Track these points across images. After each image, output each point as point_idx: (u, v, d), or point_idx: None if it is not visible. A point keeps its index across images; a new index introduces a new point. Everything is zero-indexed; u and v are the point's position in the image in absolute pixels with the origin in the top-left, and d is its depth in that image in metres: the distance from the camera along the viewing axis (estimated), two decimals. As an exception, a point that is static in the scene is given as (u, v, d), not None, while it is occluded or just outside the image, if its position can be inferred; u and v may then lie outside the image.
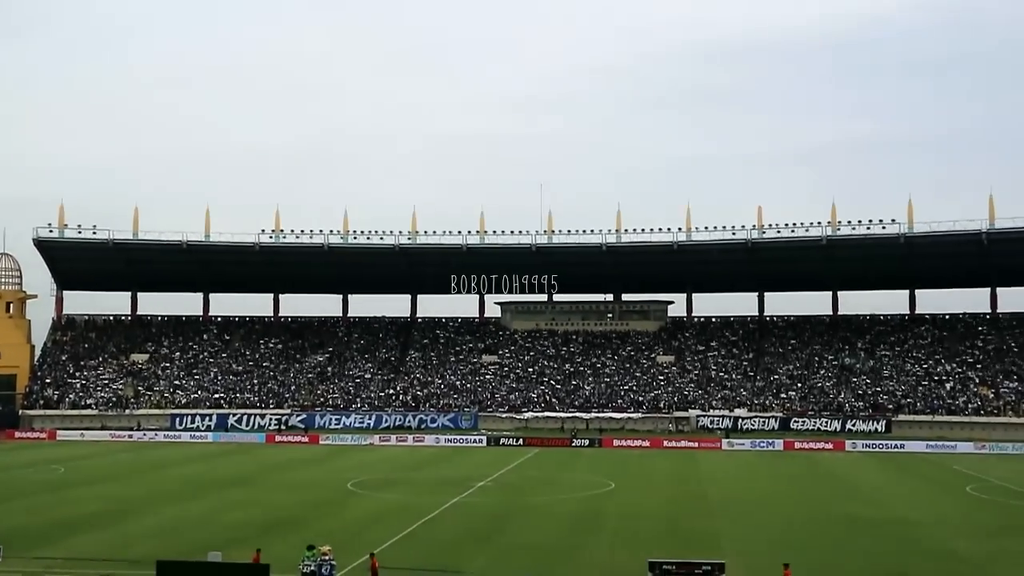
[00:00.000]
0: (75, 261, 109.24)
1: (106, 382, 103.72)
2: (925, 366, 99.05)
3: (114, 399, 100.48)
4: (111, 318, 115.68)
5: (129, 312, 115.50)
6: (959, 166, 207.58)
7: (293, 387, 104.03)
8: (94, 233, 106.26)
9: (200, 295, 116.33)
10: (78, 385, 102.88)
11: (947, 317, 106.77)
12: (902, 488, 57.49)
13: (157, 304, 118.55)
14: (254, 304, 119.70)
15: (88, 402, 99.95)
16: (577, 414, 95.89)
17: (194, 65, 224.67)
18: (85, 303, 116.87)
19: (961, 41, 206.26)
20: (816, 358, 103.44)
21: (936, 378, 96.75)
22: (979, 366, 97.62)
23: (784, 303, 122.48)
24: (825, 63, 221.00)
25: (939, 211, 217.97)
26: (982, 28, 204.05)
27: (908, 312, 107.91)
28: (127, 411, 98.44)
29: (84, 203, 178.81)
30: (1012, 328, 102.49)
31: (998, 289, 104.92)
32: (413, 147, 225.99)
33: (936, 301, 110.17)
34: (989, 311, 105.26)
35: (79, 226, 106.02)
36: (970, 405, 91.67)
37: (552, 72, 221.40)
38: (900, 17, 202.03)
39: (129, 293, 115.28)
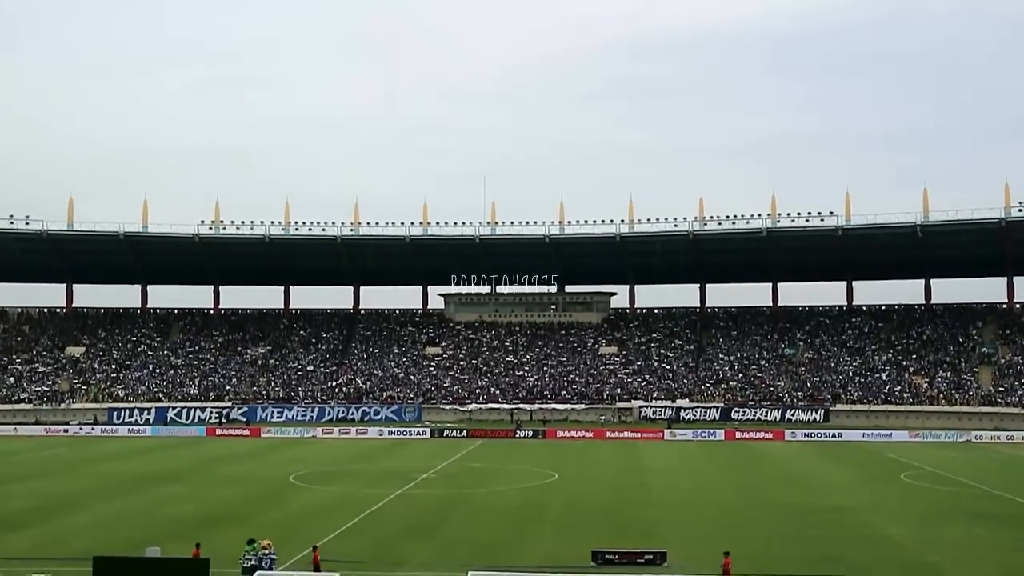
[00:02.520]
0: (7, 252, 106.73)
1: (40, 376, 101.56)
2: (862, 356, 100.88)
3: (49, 393, 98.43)
4: (45, 310, 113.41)
5: (64, 304, 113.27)
6: (895, 160, 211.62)
7: (234, 380, 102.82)
8: (27, 224, 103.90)
9: (138, 287, 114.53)
10: (11, 379, 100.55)
11: (883, 308, 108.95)
12: (839, 476, 58.49)
13: (93, 296, 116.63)
14: (194, 296, 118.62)
15: (22, 396, 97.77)
16: (520, 405, 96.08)
17: (131, 52, 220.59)
18: (18, 295, 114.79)
19: (899, 38, 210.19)
20: (756, 349, 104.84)
21: (872, 368, 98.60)
22: (914, 356, 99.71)
23: (725, 294, 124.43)
24: (765, 57, 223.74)
25: (876, 204, 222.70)
26: (920, 25, 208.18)
27: (846, 303, 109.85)
28: (62, 405, 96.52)
29: (17, 193, 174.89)
30: (945, 319, 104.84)
31: (932, 280, 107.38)
32: (355, 138, 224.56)
33: (873, 292, 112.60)
34: (923, 302, 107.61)
35: (11, 216, 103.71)
36: (905, 394, 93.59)
37: (495, 63, 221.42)
38: (838, 14, 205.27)
39: (64, 285, 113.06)
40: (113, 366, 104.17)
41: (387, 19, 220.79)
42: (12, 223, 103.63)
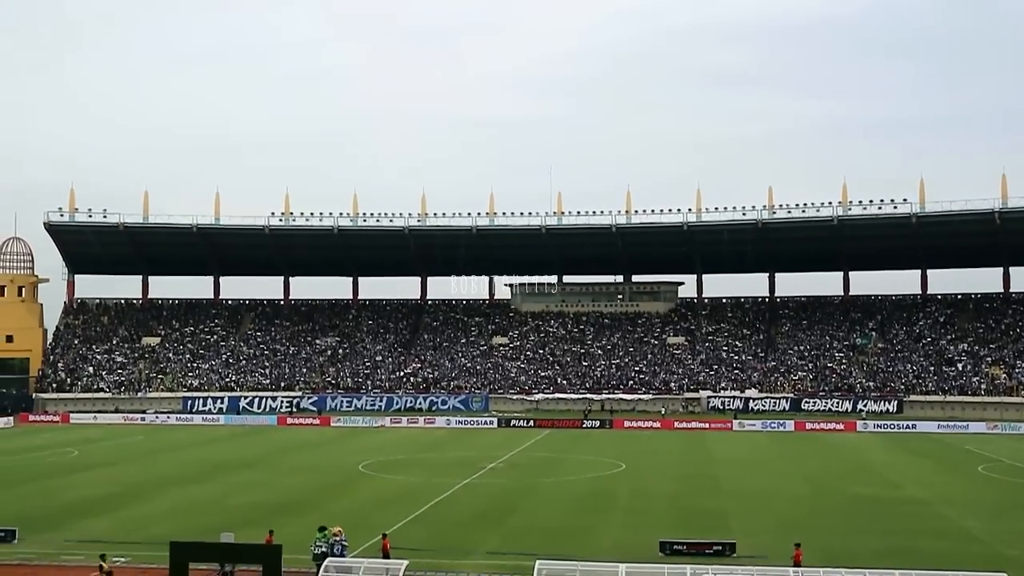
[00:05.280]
0: (86, 245, 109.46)
1: (118, 365, 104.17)
2: (937, 346, 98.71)
3: (126, 382, 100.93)
4: (122, 301, 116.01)
5: (140, 295, 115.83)
6: (971, 145, 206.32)
7: (304, 370, 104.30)
8: (104, 217, 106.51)
9: (211, 278, 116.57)
10: (90, 368, 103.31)
11: (959, 297, 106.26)
12: (913, 468, 57.42)
13: (168, 287, 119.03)
14: (264, 287, 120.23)
15: (100, 385, 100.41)
16: (588, 395, 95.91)
17: (203, 48, 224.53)
18: (96, 287, 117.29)
19: (975, 20, 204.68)
20: (827, 338, 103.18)
21: (948, 358, 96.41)
22: (992, 346, 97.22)
23: (795, 283, 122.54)
24: (835, 42, 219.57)
25: (951, 191, 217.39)
26: (996, 7, 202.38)
27: (920, 292, 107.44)
28: (139, 394, 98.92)
29: (94, 187, 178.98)
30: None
31: (1011, 268, 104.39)
32: (423, 130, 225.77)
33: (948, 281, 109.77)
34: (1002, 290, 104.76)
35: (89, 210, 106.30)
36: (982, 385, 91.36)
37: (562, 54, 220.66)
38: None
39: (140, 277, 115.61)
40: (187, 356, 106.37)
41: (453, 9, 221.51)
42: (90, 216, 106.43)
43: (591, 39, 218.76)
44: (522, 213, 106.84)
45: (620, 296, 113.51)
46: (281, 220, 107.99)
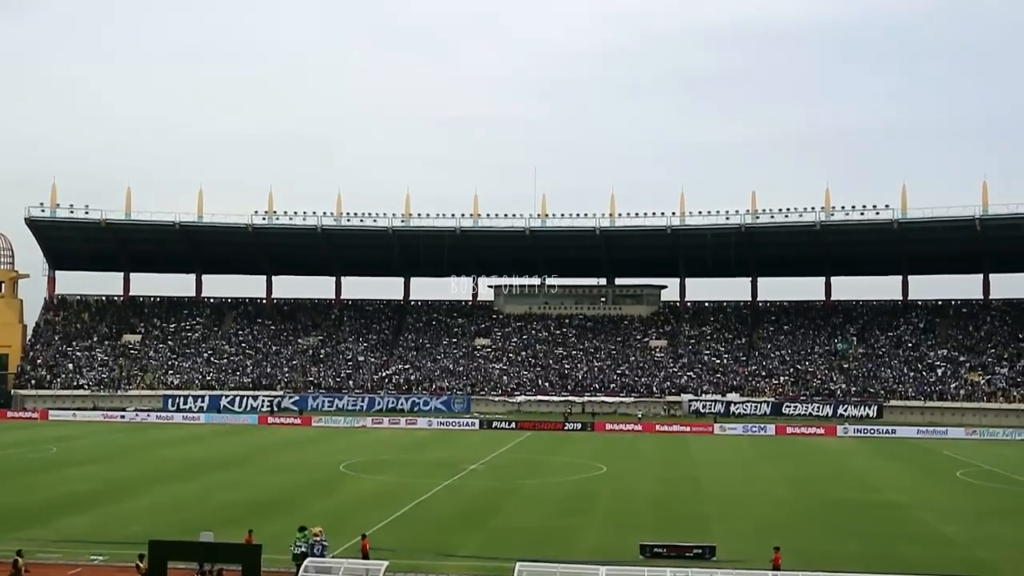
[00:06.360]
0: (67, 240, 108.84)
1: (98, 362, 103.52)
2: (917, 352, 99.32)
3: (106, 380, 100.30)
4: (103, 298, 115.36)
5: (122, 292, 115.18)
6: (953, 153, 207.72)
7: (286, 369, 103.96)
8: (86, 213, 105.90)
9: (193, 276, 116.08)
10: (70, 365, 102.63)
11: (939, 303, 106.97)
12: (893, 473, 57.68)
13: (150, 285, 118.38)
14: (247, 286, 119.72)
15: (80, 382, 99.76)
16: (570, 398, 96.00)
17: (188, 46, 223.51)
18: (77, 283, 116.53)
19: (956, 29, 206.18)
20: (808, 343, 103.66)
21: (928, 364, 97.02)
22: (971, 352, 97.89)
23: (777, 288, 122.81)
24: (820, 49, 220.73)
25: (932, 197, 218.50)
26: (977, 16, 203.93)
27: (901, 298, 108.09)
28: (119, 392, 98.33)
29: (77, 182, 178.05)
30: (1004, 314, 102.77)
31: (991, 275, 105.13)
32: (407, 130, 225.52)
33: (929, 287, 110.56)
34: (982, 297, 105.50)
35: (71, 205, 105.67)
36: (961, 391, 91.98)
37: (548, 56, 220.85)
38: (896, 3, 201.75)
39: (121, 273, 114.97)
40: (168, 354, 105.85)
41: (439, 10, 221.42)
42: (72, 212, 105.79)
43: (577, 42, 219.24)
44: (506, 215, 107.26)
45: (603, 299, 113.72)
46: (265, 219, 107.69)
